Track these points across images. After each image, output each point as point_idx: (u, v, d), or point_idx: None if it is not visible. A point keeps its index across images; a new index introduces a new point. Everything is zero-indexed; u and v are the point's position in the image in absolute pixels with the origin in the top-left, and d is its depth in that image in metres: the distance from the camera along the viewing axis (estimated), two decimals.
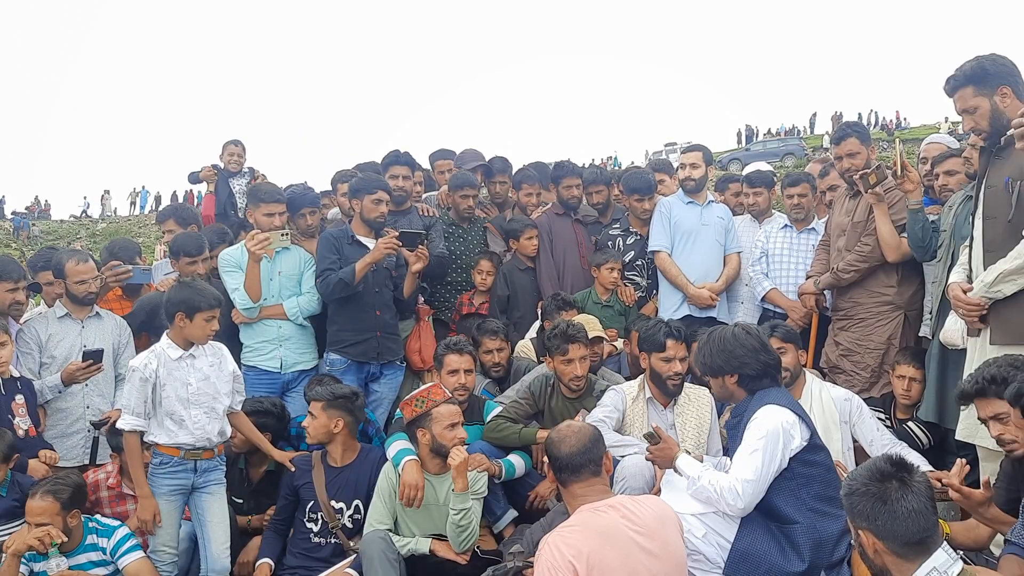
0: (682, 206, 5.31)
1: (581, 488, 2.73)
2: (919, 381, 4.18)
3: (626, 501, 2.71)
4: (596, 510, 2.62)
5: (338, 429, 3.85)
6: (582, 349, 4.09)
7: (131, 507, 3.90)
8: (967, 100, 3.42)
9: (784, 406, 3.11)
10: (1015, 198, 3.30)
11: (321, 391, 3.92)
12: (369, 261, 4.57)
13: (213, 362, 3.76)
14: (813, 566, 2.97)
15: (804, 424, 3.11)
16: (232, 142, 7.24)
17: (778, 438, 3.01)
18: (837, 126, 4.93)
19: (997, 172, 3.43)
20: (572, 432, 2.81)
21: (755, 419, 3.09)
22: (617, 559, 2.48)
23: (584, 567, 2.43)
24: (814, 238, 5.13)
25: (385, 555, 3.40)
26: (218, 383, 3.74)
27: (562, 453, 2.76)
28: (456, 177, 5.58)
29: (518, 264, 5.44)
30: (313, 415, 3.85)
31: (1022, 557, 2.68)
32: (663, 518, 2.66)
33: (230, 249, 4.82)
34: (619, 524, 2.56)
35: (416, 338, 5.15)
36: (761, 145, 37.09)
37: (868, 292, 4.54)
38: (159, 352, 3.64)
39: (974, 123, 3.44)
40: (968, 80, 3.41)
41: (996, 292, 3.34)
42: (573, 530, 2.58)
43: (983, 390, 2.91)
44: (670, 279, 5.21)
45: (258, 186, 4.94)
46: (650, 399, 3.94)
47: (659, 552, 2.54)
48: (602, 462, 2.79)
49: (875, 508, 2.16)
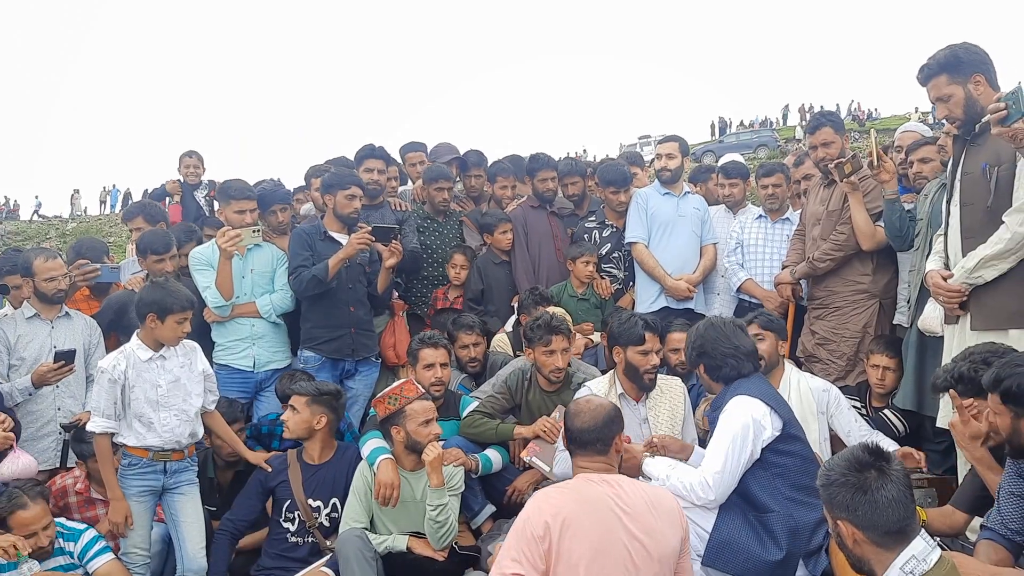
0: (658, 197, 5.30)
1: (584, 461, 2.77)
2: (893, 370, 4.20)
3: (623, 481, 2.71)
4: (590, 480, 2.68)
5: (320, 426, 3.81)
6: (564, 341, 4.09)
7: (101, 512, 3.84)
8: (941, 88, 3.42)
9: (755, 396, 3.12)
10: (993, 184, 3.32)
11: (306, 386, 3.86)
12: (342, 257, 4.52)
13: (184, 363, 3.70)
14: (790, 554, 2.98)
15: (776, 414, 3.12)
16: (188, 154, 7.07)
17: (747, 429, 3.04)
18: (810, 116, 4.93)
19: (973, 159, 3.44)
20: (590, 408, 2.83)
21: (725, 411, 3.12)
22: (594, 528, 2.51)
23: (558, 527, 2.49)
24: (788, 228, 5.13)
25: (362, 553, 3.36)
26: (189, 384, 3.69)
27: (574, 425, 2.80)
28: (430, 170, 5.54)
29: (492, 258, 5.41)
30: (295, 409, 3.78)
31: (998, 542, 2.69)
32: (655, 506, 2.64)
33: (201, 247, 4.74)
34: (607, 498, 2.58)
35: (391, 333, 5.11)
36: (735, 137, 37.32)
37: (843, 281, 4.56)
38: (128, 353, 3.58)
39: (948, 111, 3.44)
40: (942, 68, 3.41)
41: (977, 278, 3.35)
42: (560, 491, 2.67)
43: (950, 387, 2.95)
44: (647, 271, 5.19)
45: (228, 183, 4.84)
46: (622, 395, 3.92)
47: (642, 536, 2.54)
48: (612, 442, 2.80)
49: (855, 499, 2.14)
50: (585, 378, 4.20)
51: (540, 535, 2.49)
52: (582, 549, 2.47)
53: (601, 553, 2.48)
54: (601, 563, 2.48)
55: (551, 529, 2.48)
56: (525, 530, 2.53)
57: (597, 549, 2.48)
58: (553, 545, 2.48)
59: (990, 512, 2.80)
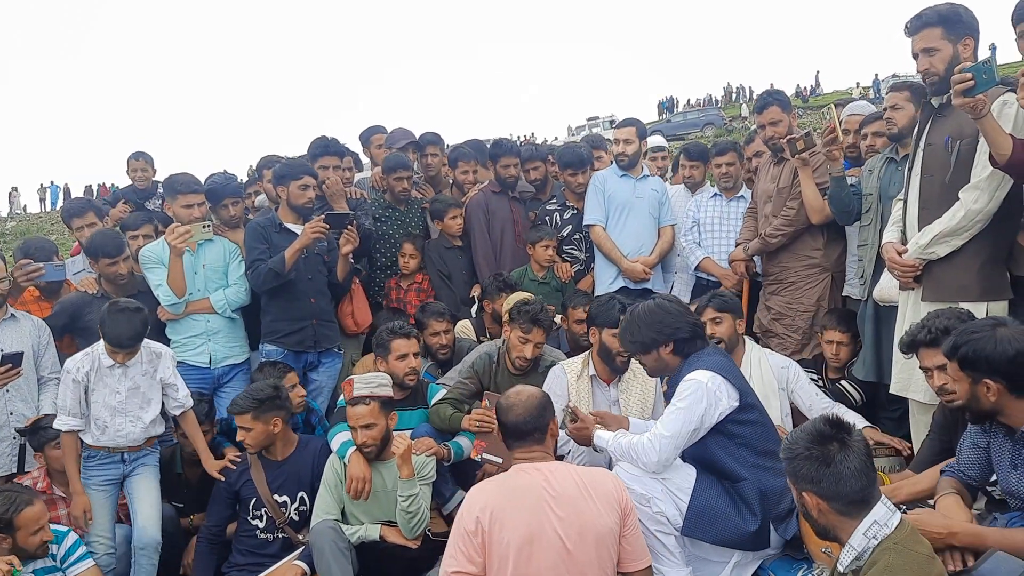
0: (616, 179, 5.32)
1: (522, 453, 2.84)
2: (847, 344, 4.30)
3: (555, 467, 2.78)
4: (521, 470, 2.76)
5: (277, 429, 3.76)
6: (542, 335, 4.14)
7: (62, 511, 3.82)
8: (932, 39, 3.35)
9: (711, 369, 3.12)
10: (954, 157, 3.36)
11: (243, 403, 3.72)
12: (298, 247, 4.46)
13: (147, 370, 3.78)
14: (764, 521, 3.07)
15: (732, 386, 3.14)
16: (135, 156, 6.39)
17: (701, 399, 3.05)
18: (758, 95, 4.98)
19: (938, 131, 3.46)
20: (520, 400, 2.88)
21: (684, 382, 3.13)
22: (522, 516, 2.61)
23: (487, 519, 2.61)
24: (743, 206, 5.21)
25: (336, 545, 3.36)
26: (149, 391, 3.78)
27: (509, 420, 2.86)
28: (388, 159, 5.48)
29: (444, 243, 5.40)
30: (246, 428, 3.71)
31: (957, 478, 2.83)
32: (588, 488, 2.70)
33: (151, 245, 4.62)
34: (537, 486, 2.67)
35: (348, 302, 5.06)
36: (682, 116, 37.72)
37: (796, 256, 4.65)
38: (94, 357, 3.69)
39: (930, 64, 3.37)
40: (940, 20, 3.34)
41: (930, 253, 3.43)
42: (491, 484, 2.80)
43: (936, 340, 2.98)
44: (604, 253, 5.23)
45: (174, 177, 4.70)
46: (594, 376, 3.96)
47: (572, 520, 2.62)
48: (548, 430, 2.87)
49: (819, 471, 2.19)
50: (553, 361, 4.24)
51: (472, 530, 2.62)
52: (510, 538, 2.58)
53: (531, 540, 2.58)
54: (531, 550, 2.58)
55: (481, 522, 2.61)
56: (459, 527, 2.66)
57: (525, 536, 2.58)
58: (485, 537, 2.60)
59: (950, 462, 2.92)
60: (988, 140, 3.09)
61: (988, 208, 3.27)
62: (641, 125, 5.56)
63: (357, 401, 3.54)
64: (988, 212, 3.28)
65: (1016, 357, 2.46)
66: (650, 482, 3.07)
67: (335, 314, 4.94)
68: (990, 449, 2.74)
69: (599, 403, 3.93)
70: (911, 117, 3.95)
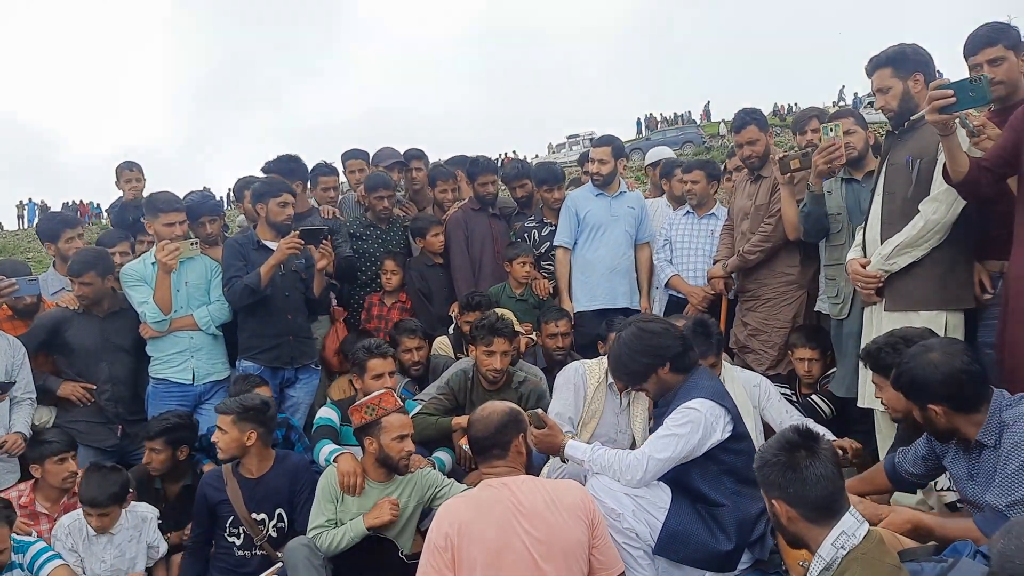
0: (591, 199, 5.35)
1: (486, 467, 2.94)
2: (817, 359, 4.40)
3: (521, 482, 2.80)
4: (488, 486, 2.81)
5: (251, 442, 3.71)
6: (505, 344, 4.13)
7: (44, 527, 3.80)
8: (884, 79, 3.63)
9: (711, 399, 3.15)
10: (915, 175, 3.53)
11: (230, 404, 3.75)
12: (273, 263, 4.47)
13: (133, 535, 3.78)
14: (738, 546, 3.10)
15: (729, 416, 3.19)
16: (127, 166, 6.02)
17: (697, 430, 3.08)
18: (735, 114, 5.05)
19: (899, 151, 3.65)
20: (483, 416, 2.97)
21: (683, 407, 3.13)
22: (489, 531, 2.64)
23: (455, 534, 2.65)
24: (715, 224, 5.27)
25: (309, 561, 3.34)
26: (134, 556, 3.79)
27: (472, 435, 2.99)
28: (371, 179, 5.54)
29: (426, 260, 5.44)
30: (223, 429, 3.69)
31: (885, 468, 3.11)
32: (555, 502, 2.72)
33: (133, 263, 4.63)
34: (504, 501, 2.71)
35: (334, 339, 5.11)
36: (661, 134, 37.98)
37: (773, 273, 4.73)
38: (82, 524, 3.68)
39: (885, 102, 3.65)
40: (889, 61, 3.63)
41: (892, 264, 3.56)
42: (460, 500, 2.86)
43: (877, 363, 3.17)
44: (557, 278, 5.32)
45: (155, 196, 4.69)
46: (611, 384, 3.90)
47: (539, 534, 2.64)
48: (510, 446, 2.91)
49: (786, 476, 2.26)
50: (526, 377, 4.27)
51: (443, 545, 2.66)
52: (478, 552, 2.61)
53: (498, 555, 2.61)
54: (499, 565, 2.60)
55: (451, 538, 2.65)
56: (430, 542, 2.71)
57: (493, 551, 2.61)
58: (455, 552, 2.63)
59: (902, 449, 3.09)
60: (948, 157, 3.25)
61: (946, 219, 3.42)
62: (618, 143, 5.61)
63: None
64: (946, 223, 3.43)
65: (945, 380, 2.59)
66: (623, 498, 3.09)
67: (311, 331, 4.94)
68: (944, 461, 2.85)
69: (608, 409, 3.92)
70: (864, 139, 4.24)
